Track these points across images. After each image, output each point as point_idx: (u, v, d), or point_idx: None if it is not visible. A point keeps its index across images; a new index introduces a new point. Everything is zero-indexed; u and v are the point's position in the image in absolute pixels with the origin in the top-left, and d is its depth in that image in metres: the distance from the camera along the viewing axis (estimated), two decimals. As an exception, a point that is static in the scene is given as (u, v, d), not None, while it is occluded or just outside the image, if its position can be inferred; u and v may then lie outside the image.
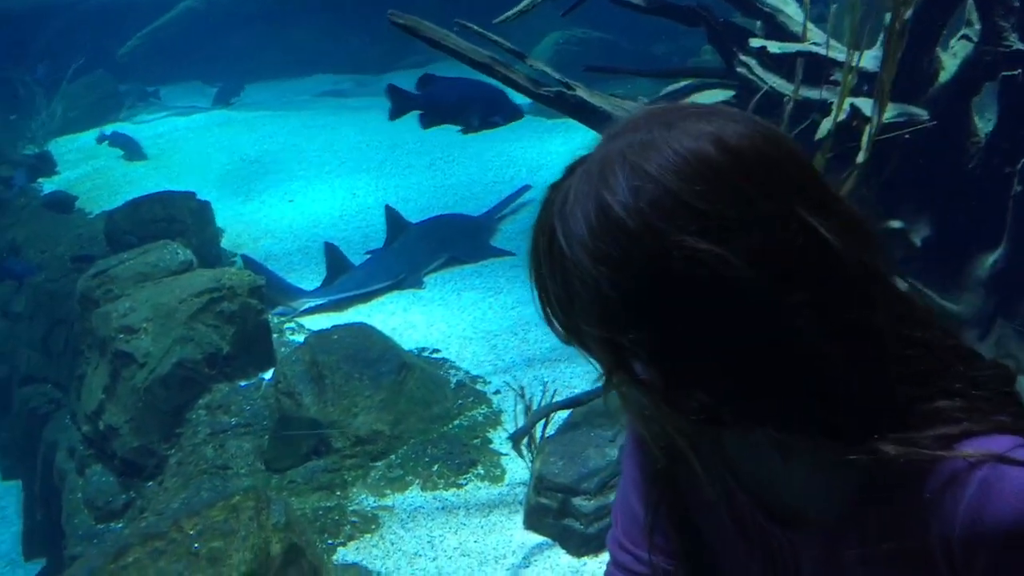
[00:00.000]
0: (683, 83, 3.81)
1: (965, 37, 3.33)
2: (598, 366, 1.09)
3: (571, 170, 1.11)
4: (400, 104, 6.25)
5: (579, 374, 4.94)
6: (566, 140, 8.27)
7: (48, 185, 8.80)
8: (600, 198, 1.03)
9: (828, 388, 1.03)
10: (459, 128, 6.43)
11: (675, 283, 1.01)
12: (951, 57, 3.31)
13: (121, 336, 4.77)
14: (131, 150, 9.23)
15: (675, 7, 3.66)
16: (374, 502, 4.28)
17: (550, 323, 1.11)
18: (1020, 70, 3.12)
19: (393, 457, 4.47)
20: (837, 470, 1.09)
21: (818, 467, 1.11)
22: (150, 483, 4.53)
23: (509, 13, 3.70)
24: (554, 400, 4.15)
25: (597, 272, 1.02)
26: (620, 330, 1.03)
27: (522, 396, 4.23)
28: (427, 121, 6.34)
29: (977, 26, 3.28)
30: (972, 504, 1.01)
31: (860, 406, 1.04)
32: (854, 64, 2.99)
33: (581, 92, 3.69)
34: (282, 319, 5.72)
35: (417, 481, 4.33)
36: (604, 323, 1.04)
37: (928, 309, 1.12)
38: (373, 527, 4.16)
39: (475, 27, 3.64)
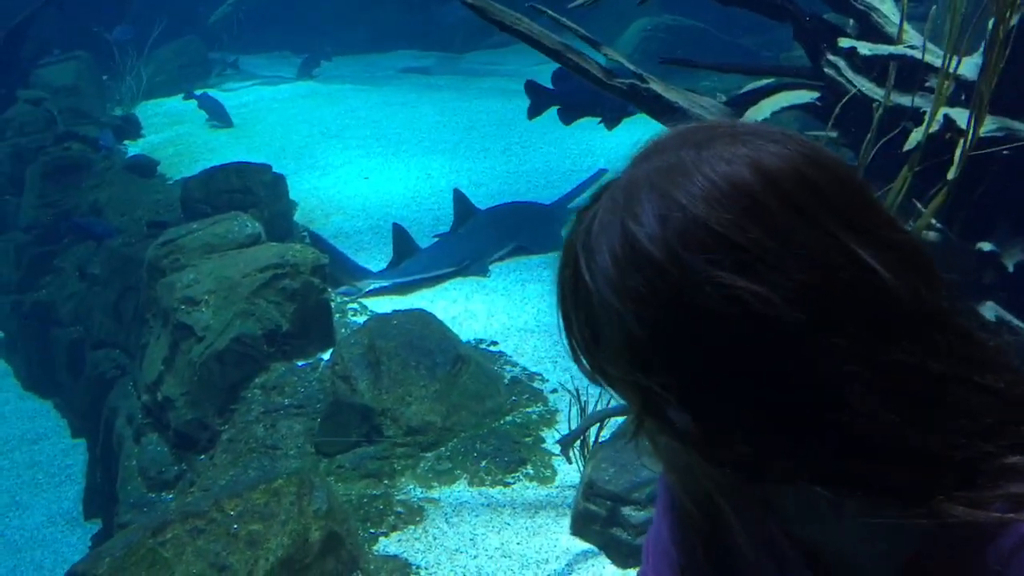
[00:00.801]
0: (764, 81, 3.61)
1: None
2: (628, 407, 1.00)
3: (597, 196, 1.01)
4: (539, 101, 6.20)
5: (640, 377, 4.79)
6: (647, 131, 8.03)
7: (132, 148, 8.95)
8: (626, 228, 0.94)
9: (882, 442, 0.91)
10: (598, 120, 6.32)
11: (707, 322, 0.91)
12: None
13: (183, 308, 4.78)
14: (218, 114, 9.33)
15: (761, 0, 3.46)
16: (421, 494, 4.21)
17: (576, 359, 1.02)
18: None
19: (443, 449, 4.39)
20: (894, 528, 0.97)
21: (873, 525, 0.99)
22: (202, 457, 4.54)
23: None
24: (609, 405, 4.00)
25: (623, 309, 0.92)
26: (648, 373, 0.93)
27: (577, 398, 4.09)
28: (568, 117, 6.31)
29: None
30: None
31: (919, 462, 0.92)
32: (951, 71, 2.77)
33: (655, 85, 3.51)
34: (345, 299, 5.68)
35: (465, 476, 4.24)
36: (631, 365, 0.94)
37: (999, 349, 0.98)
38: (417, 519, 4.09)
39: (549, 11, 3.50)
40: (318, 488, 3.76)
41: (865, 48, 3.04)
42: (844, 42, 3.09)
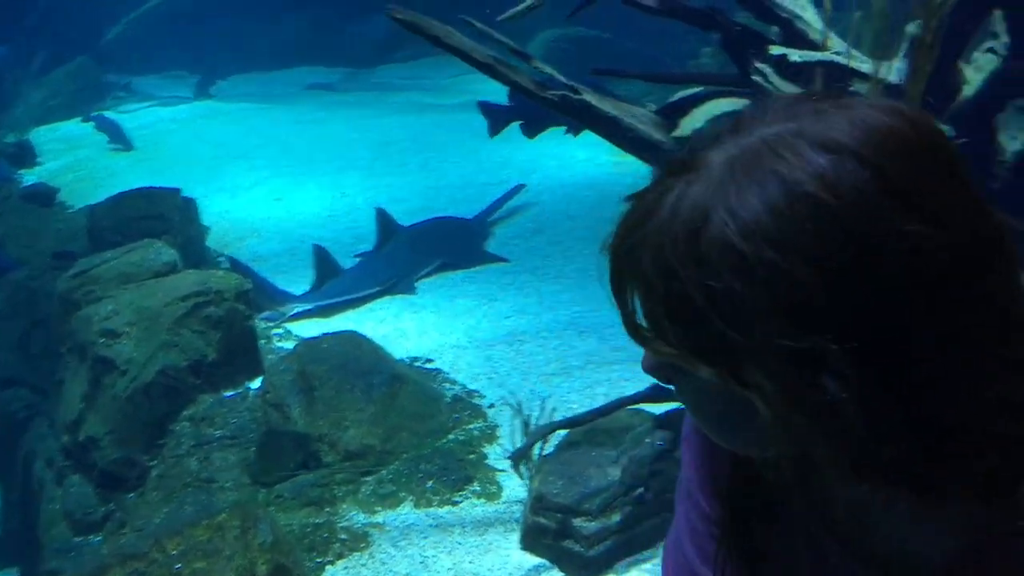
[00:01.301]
0: (693, 90, 3.66)
1: (991, 50, 3.20)
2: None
3: (672, 172, 0.96)
4: (497, 119, 6.14)
5: (576, 388, 4.80)
6: (559, 142, 8.10)
7: (28, 177, 8.58)
8: (784, 179, 0.89)
9: (978, 435, 0.91)
10: (564, 130, 6.30)
11: (886, 273, 0.87)
12: (975, 71, 3.17)
13: (102, 341, 4.59)
14: (117, 137, 9.02)
15: (688, 9, 3.51)
16: (364, 519, 4.12)
17: (653, 347, 0.97)
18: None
19: (384, 472, 4.31)
20: (950, 520, 0.99)
21: (927, 517, 1.00)
22: (131, 495, 4.35)
23: (515, 10, 3.54)
24: (553, 417, 4.00)
25: (786, 262, 0.87)
26: (808, 331, 0.87)
27: (519, 412, 4.08)
28: (531, 130, 6.28)
29: (1004, 39, 3.15)
30: None
31: (1009, 457, 0.92)
32: (880, 75, 2.86)
33: (587, 96, 3.53)
34: (269, 324, 5.54)
35: (410, 497, 4.17)
36: (788, 325, 0.88)
37: None
38: (363, 545, 4.01)
39: (480, 25, 3.48)
40: (262, 520, 3.65)
41: (795, 55, 3.12)
42: (775, 50, 3.17)
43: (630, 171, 7.59)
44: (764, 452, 1.00)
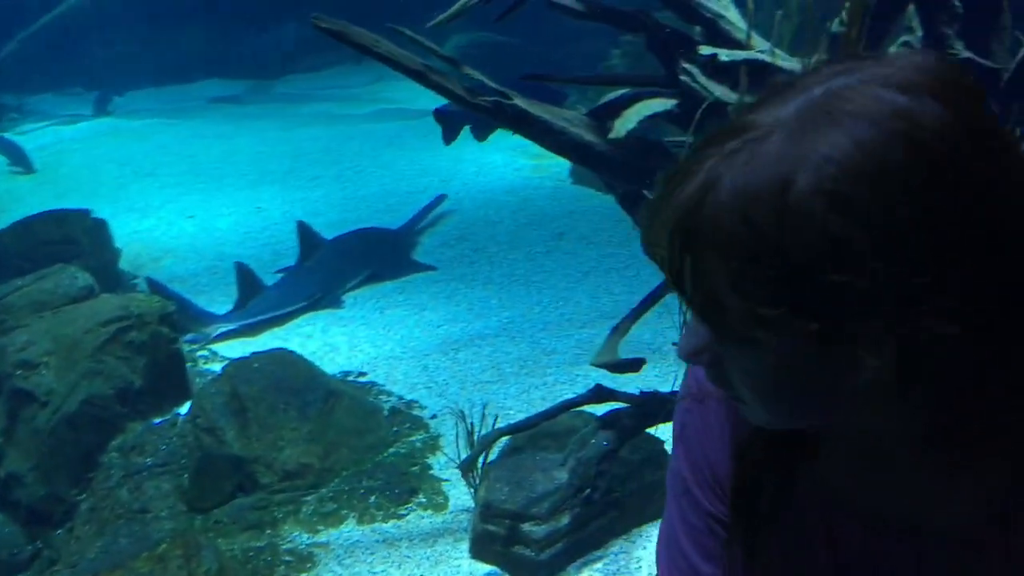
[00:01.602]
0: (620, 92, 3.69)
1: (906, 44, 3.31)
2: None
3: (715, 142, 0.93)
4: (451, 125, 6.06)
5: (512, 394, 4.80)
6: (477, 147, 8.10)
7: (-80, 204, 8.16)
8: (871, 119, 0.88)
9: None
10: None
11: (973, 212, 0.88)
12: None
13: (19, 373, 4.39)
14: (17, 158, 8.65)
15: (616, 12, 3.54)
16: (308, 539, 4.04)
17: (724, 323, 0.94)
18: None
19: (325, 491, 4.23)
20: (986, 489, 1.01)
21: (957, 477, 1.02)
22: (59, 531, 4.17)
23: (442, 16, 3.51)
24: (496, 424, 3.98)
25: (891, 201, 0.86)
26: (920, 274, 0.88)
27: (463, 420, 4.05)
28: (483, 133, 6.22)
29: (919, 33, 3.26)
30: None
31: None
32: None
33: (519, 102, 3.53)
34: (194, 347, 5.38)
35: (353, 514, 4.10)
36: (898, 268, 0.87)
37: None
38: (308, 566, 3.92)
39: (409, 32, 3.44)
40: (205, 548, 3.55)
41: (724, 55, 3.17)
42: (705, 50, 3.22)
43: (549, 174, 7.66)
44: (827, 420, 0.99)
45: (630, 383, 4.19)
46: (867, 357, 0.91)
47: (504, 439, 4.03)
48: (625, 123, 3.37)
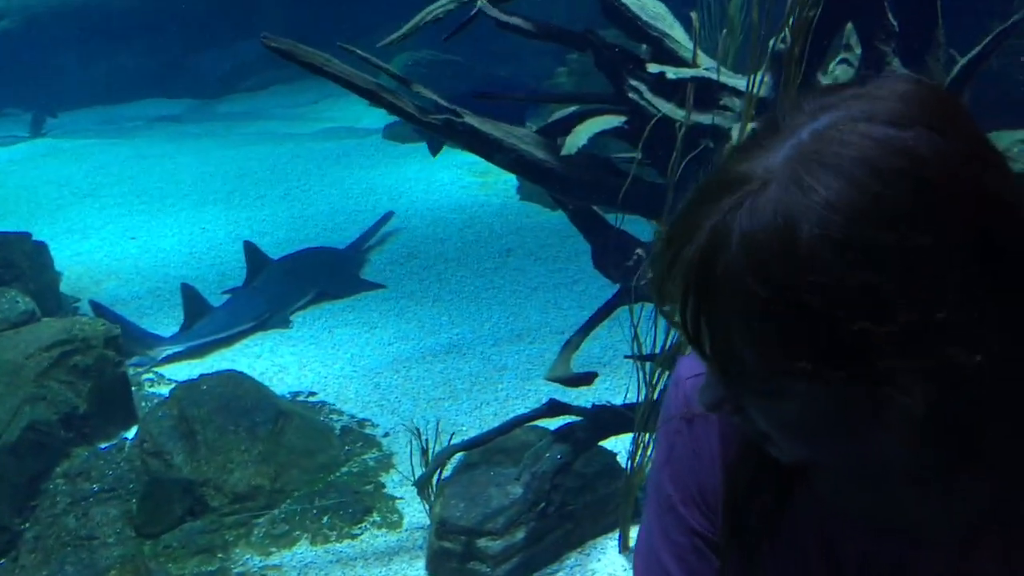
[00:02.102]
0: (570, 109, 3.73)
1: (845, 62, 3.40)
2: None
3: (710, 199, 0.93)
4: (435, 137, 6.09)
5: (464, 411, 4.81)
6: (423, 165, 8.13)
7: None
8: (866, 161, 0.88)
9: None
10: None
11: (985, 233, 0.90)
12: (834, 82, 3.37)
13: (-42, 400, 4.27)
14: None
15: (564, 32, 3.58)
16: (260, 562, 3.99)
17: (742, 371, 0.93)
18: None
19: (276, 512, 4.18)
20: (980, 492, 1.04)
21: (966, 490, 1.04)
22: (3, 561, 4.05)
23: (393, 36, 3.52)
24: (449, 441, 3.98)
25: (904, 240, 0.86)
26: (941, 305, 0.88)
27: (418, 437, 4.04)
28: (436, 148, 6.30)
29: (857, 50, 3.36)
30: None
31: None
32: (751, 90, 3.00)
33: (470, 119, 3.55)
34: (139, 370, 5.29)
35: (306, 535, 4.06)
36: (919, 304, 0.87)
37: None
38: (262, 589, 3.88)
39: (359, 52, 3.44)
40: (155, 574, 3.48)
41: (671, 72, 3.23)
42: (653, 67, 3.27)
43: (496, 190, 7.69)
44: (847, 453, 0.99)
45: (583, 397, 4.23)
46: (897, 395, 0.91)
47: (459, 455, 4.03)
48: (575, 140, 3.41)
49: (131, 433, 4.55)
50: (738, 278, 0.89)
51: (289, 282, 5.95)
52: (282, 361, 5.38)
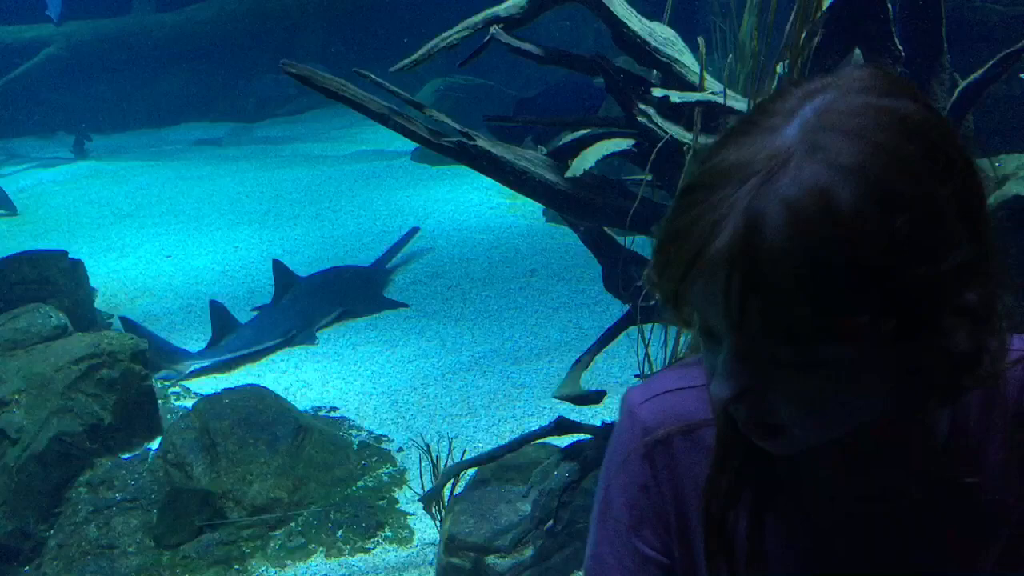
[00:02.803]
0: (581, 132, 3.80)
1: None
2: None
3: (713, 186, 0.98)
4: (513, 136, 6.33)
5: (482, 427, 4.86)
6: (452, 187, 8.25)
7: (-102, 246, 8.18)
8: (881, 125, 0.96)
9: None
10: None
11: (973, 190, 1.01)
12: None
13: (-9, 411, 4.42)
14: (1, 202, 8.71)
15: (574, 56, 3.66)
16: (275, 573, 4.06)
17: (784, 347, 0.97)
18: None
19: (293, 525, 4.26)
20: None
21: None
22: (27, 568, 4.18)
23: (405, 62, 3.62)
24: (463, 457, 4.04)
25: (927, 188, 0.95)
26: (957, 252, 0.97)
27: (428, 453, 4.10)
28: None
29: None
30: None
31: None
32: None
33: (482, 142, 3.63)
34: (166, 383, 5.43)
35: (321, 548, 4.14)
36: (955, 248, 0.97)
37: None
38: (276, 601, 3.95)
39: (372, 76, 3.54)
40: (171, 583, 3.57)
41: (676, 96, 3.28)
42: (657, 92, 3.32)
43: (524, 212, 7.77)
44: (877, 411, 1.05)
45: (595, 415, 4.27)
46: (940, 339, 0.98)
47: (471, 472, 4.08)
48: (583, 162, 3.47)
49: (155, 444, 4.67)
50: (789, 250, 0.92)
51: (315, 300, 6.07)
52: (306, 376, 5.49)
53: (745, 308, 0.95)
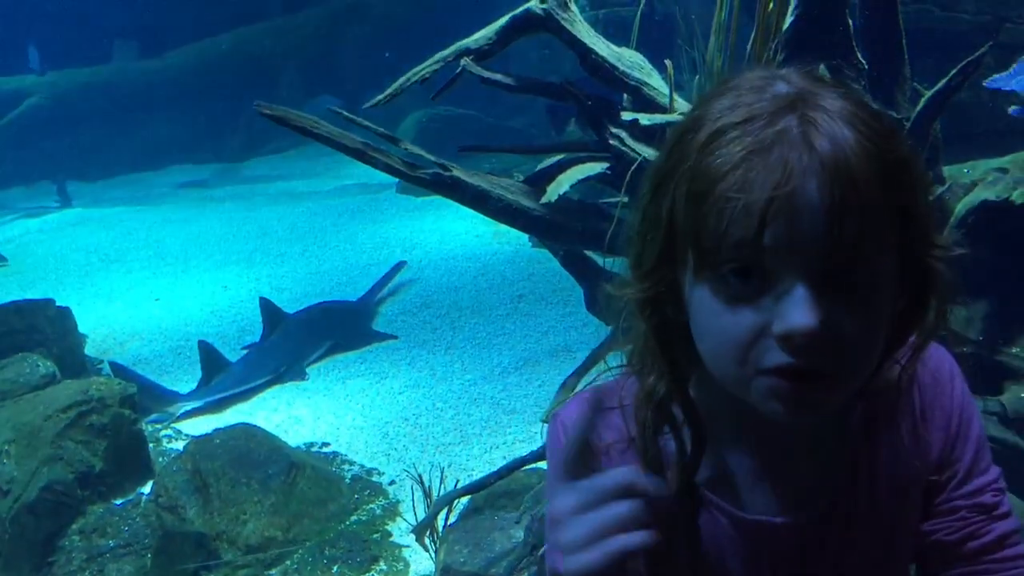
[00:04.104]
0: (556, 158, 3.84)
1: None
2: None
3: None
4: (558, 120, 6.45)
5: (475, 455, 4.86)
6: (437, 217, 8.28)
7: None
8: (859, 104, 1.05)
9: None
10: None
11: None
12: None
13: (-20, 462, 4.41)
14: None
15: (545, 84, 3.71)
16: (272, 613, 4.05)
17: (873, 264, 1.04)
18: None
19: (289, 563, 4.25)
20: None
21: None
22: (22, 620, 4.16)
23: (379, 97, 3.67)
24: (456, 486, 4.04)
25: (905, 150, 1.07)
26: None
27: (420, 484, 4.10)
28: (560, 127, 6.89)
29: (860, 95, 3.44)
30: None
31: None
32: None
33: (457, 172, 3.67)
34: (158, 427, 5.42)
35: (317, 585, 4.12)
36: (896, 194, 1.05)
37: None
38: (273, 641, 3.94)
39: (346, 113, 3.58)
40: (166, 629, 3.55)
41: (645, 119, 3.33)
42: (626, 115, 3.37)
43: (509, 239, 7.80)
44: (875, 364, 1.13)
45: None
46: (937, 264, 1.09)
47: (464, 500, 4.08)
48: (557, 187, 3.51)
49: (147, 488, 4.66)
50: (869, 166, 1.01)
51: (303, 336, 6.08)
52: (297, 413, 5.49)
53: (843, 228, 0.98)
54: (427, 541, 3.97)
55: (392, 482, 4.67)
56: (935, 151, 3.21)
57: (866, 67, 3.34)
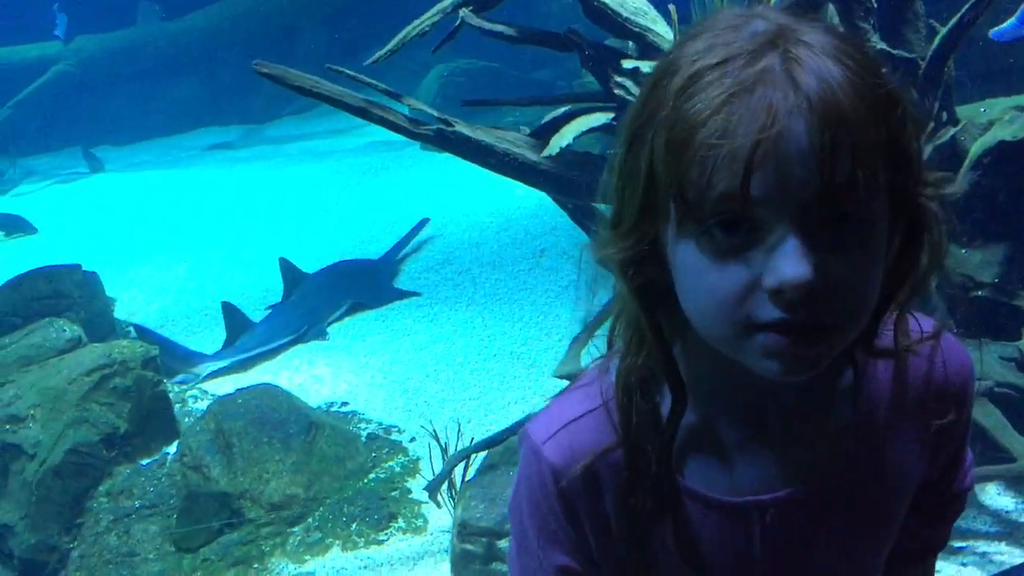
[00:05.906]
0: (562, 109, 3.78)
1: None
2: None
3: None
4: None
5: (495, 410, 4.86)
6: (461, 172, 8.22)
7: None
8: (842, 47, 0.96)
9: None
10: None
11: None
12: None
13: (7, 427, 4.50)
14: (18, 227, 8.86)
15: (547, 34, 3.63)
16: (295, 569, 4.11)
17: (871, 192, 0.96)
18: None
19: (311, 520, 4.31)
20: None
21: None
22: (53, 580, 4.27)
23: (380, 53, 3.62)
24: (472, 442, 4.05)
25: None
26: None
27: (437, 440, 4.11)
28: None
29: (840, 29, 3.32)
30: None
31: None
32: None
33: (461, 127, 3.62)
34: (184, 387, 5.49)
35: (337, 542, 4.18)
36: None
37: None
38: (296, 596, 4.00)
39: (347, 71, 3.54)
40: (189, 586, 3.62)
41: (646, 66, 3.25)
42: (627, 63, 3.30)
43: (533, 192, 7.72)
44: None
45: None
46: (930, 204, 1.03)
47: (481, 456, 4.09)
48: (560, 139, 3.46)
49: (173, 448, 4.73)
50: (859, 103, 0.93)
51: (324, 295, 6.10)
52: (318, 372, 5.53)
53: (835, 171, 0.91)
54: (443, 497, 3.99)
55: (412, 439, 4.70)
56: (948, 90, 3.09)
57: (875, 5, 3.23)
